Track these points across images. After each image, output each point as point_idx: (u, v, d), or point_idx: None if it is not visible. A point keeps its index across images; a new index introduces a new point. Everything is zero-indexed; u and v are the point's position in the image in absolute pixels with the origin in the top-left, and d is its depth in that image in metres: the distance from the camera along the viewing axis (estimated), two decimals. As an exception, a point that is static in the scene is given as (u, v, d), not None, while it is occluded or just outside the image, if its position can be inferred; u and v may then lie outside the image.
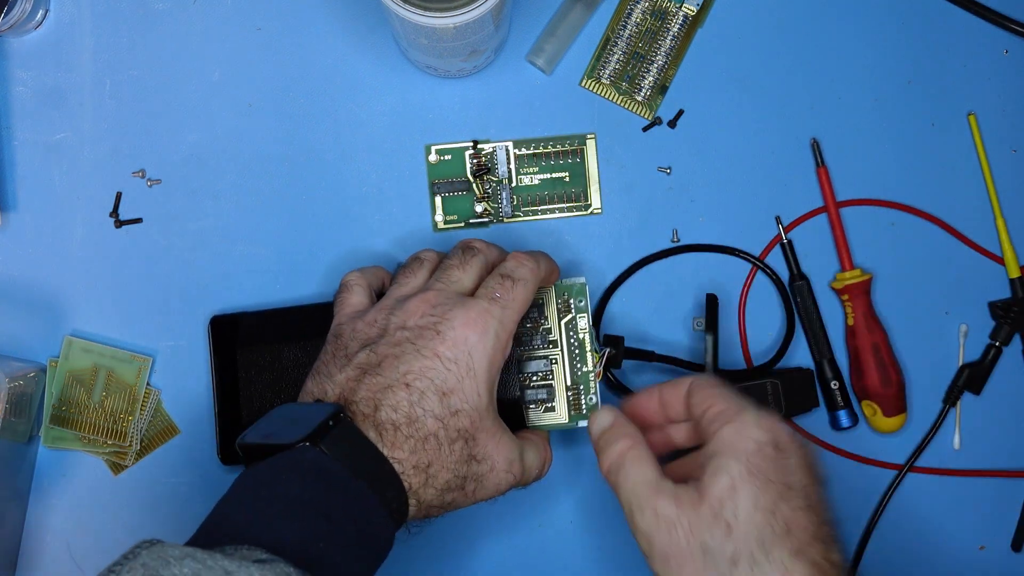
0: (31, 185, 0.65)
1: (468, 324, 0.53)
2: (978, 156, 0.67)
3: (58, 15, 0.65)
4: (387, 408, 0.52)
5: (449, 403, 0.52)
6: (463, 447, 0.53)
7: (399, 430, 0.51)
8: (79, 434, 0.64)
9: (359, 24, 0.66)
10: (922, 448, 0.67)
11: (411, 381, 0.52)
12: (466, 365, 0.53)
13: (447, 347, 0.53)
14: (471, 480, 0.54)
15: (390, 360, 0.53)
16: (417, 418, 0.52)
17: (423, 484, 0.52)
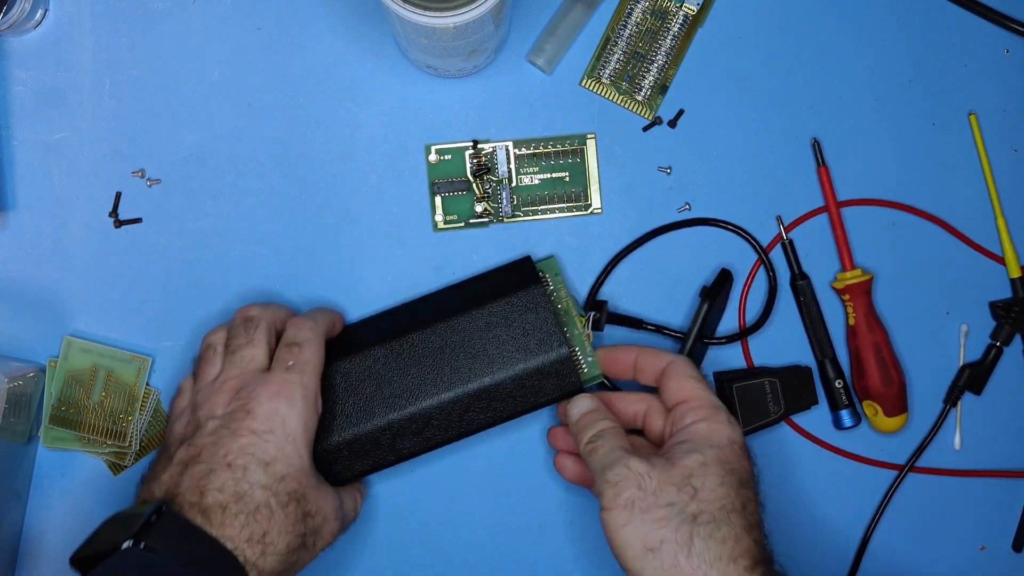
0: (31, 185, 0.65)
1: (274, 396, 0.55)
2: (979, 156, 0.67)
3: (57, 15, 0.65)
4: (213, 491, 0.53)
5: (274, 471, 0.54)
6: (295, 507, 0.54)
7: (227, 509, 0.52)
8: (79, 434, 0.64)
9: (359, 24, 0.66)
10: (923, 448, 0.67)
11: (232, 460, 0.54)
12: (282, 433, 0.55)
13: (260, 422, 0.55)
14: (310, 535, 0.56)
15: (208, 448, 0.55)
16: (244, 493, 0.53)
17: (261, 554, 0.53)
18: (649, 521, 0.53)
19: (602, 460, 0.56)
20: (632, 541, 0.53)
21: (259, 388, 0.56)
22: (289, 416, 0.55)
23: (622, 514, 0.54)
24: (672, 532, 0.53)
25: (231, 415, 0.55)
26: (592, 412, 0.59)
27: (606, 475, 0.55)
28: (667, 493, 0.54)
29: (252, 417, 0.55)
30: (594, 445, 0.57)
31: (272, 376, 0.56)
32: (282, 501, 0.54)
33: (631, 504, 0.54)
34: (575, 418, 0.60)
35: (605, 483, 0.55)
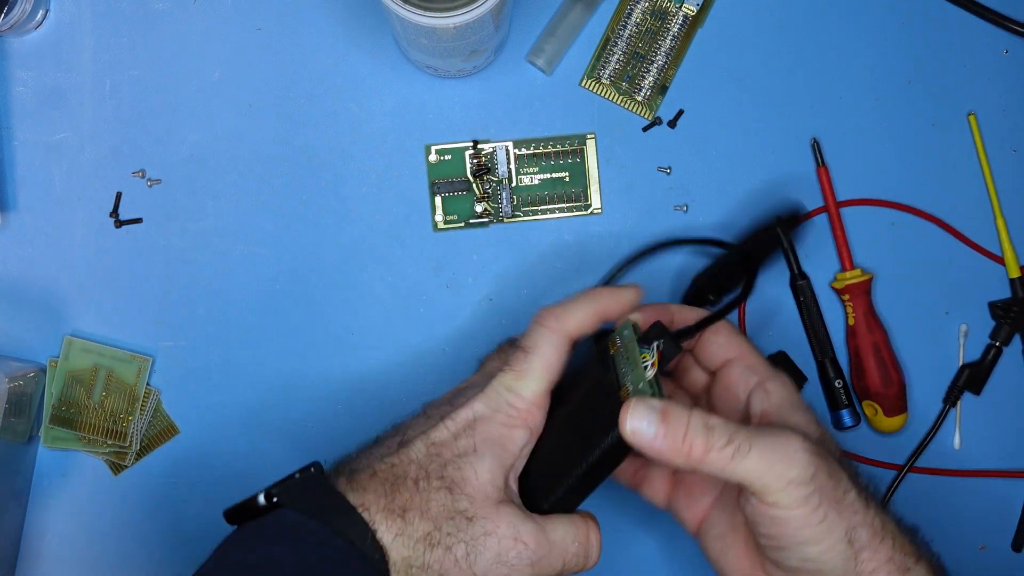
0: (31, 185, 0.65)
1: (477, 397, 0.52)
2: (978, 156, 0.67)
3: (58, 15, 0.65)
4: (368, 456, 0.51)
5: (438, 454, 0.50)
6: (447, 496, 0.49)
7: (375, 475, 0.50)
8: (79, 434, 0.64)
9: (359, 24, 0.66)
10: (922, 448, 0.67)
11: (406, 439, 0.52)
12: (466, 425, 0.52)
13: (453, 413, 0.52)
14: (459, 541, 0.49)
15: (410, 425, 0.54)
16: (398, 465, 0.50)
17: (397, 533, 0.48)
18: (846, 510, 0.48)
19: (768, 457, 0.47)
20: (825, 536, 0.47)
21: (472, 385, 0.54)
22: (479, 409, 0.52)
23: (816, 513, 0.47)
24: (862, 515, 0.48)
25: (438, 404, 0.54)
26: (666, 412, 0.48)
27: (788, 474, 0.47)
28: (844, 478, 0.49)
29: (452, 407, 0.52)
30: (738, 443, 0.47)
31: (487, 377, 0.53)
32: (433, 484, 0.49)
33: (824, 500, 0.47)
34: (661, 432, 0.47)
35: (789, 484, 0.47)
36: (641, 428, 0.47)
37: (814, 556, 0.48)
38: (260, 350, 0.66)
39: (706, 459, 0.47)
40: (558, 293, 0.66)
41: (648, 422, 0.47)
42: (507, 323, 0.66)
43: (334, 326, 0.66)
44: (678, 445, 0.47)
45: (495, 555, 0.49)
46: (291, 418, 0.66)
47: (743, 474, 0.47)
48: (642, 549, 0.67)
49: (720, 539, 0.54)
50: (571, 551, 0.51)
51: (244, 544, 0.48)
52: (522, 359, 0.52)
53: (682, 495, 0.56)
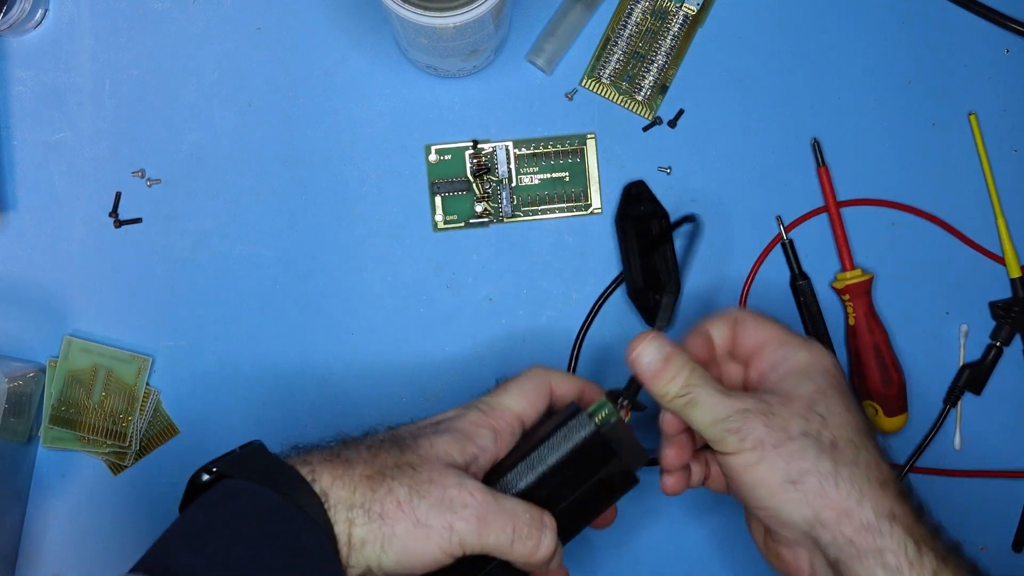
0: (31, 185, 0.65)
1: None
2: (979, 156, 0.67)
3: (57, 15, 0.65)
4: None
5: (397, 434, 0.52)
6: (396, 452, 0.50)
7: (325, 445, 0.51)
8: (78, 434, 0.64)
9: (359, 24, 0.66)
10: (922, 448, 0.67)
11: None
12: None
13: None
14: (402, 485, 0.48)
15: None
16: (349, 439, 0.51)
17: (337, 477, 0.48)
18: (785, 455, 0.49)
19: (710, 410, 0.51)
20: (766, 477, 0.49)
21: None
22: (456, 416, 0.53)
23: (752, 455, 0.50)
24: (812, 463, 0.49)
25: None
26: (669, 358, 0.52)
27: (724, 424, 0.50)
28: (796, 424, 0.50)
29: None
30: (691, 396, 0.51)
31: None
32: (384, 447, 0.50)
33: (760, 443, 0.50)
34: (650, 367, 0.52)
35: (725, 432, 0.50)
36: (643, 357, 0.52)
37: (765, 500, 0.50)
38: (260, 350, 0.66)
39: (669, 404, 0.52)
40: (558, 293, 0.66)
41: (651, 356, 0.52)
42: (507, 323, 0.66)
43: (334, 326, 0.66)
44: (653, 382, 0.52)
45: (438, 499, 0.48)
46: (291, 418, 0.66)
47: (692, 420, 0.51)
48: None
49: (749, 513, 0.56)
50: (523, 520, 0.50)
51: (184, 518, 0.48)
52: (503, 384, 0.55)
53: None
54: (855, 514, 0.49)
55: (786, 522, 0.50)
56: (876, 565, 0.48)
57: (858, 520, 0.49)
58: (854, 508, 0.49)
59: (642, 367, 0.52)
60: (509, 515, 0.50)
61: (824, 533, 0.49)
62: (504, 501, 0.50)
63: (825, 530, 0.49)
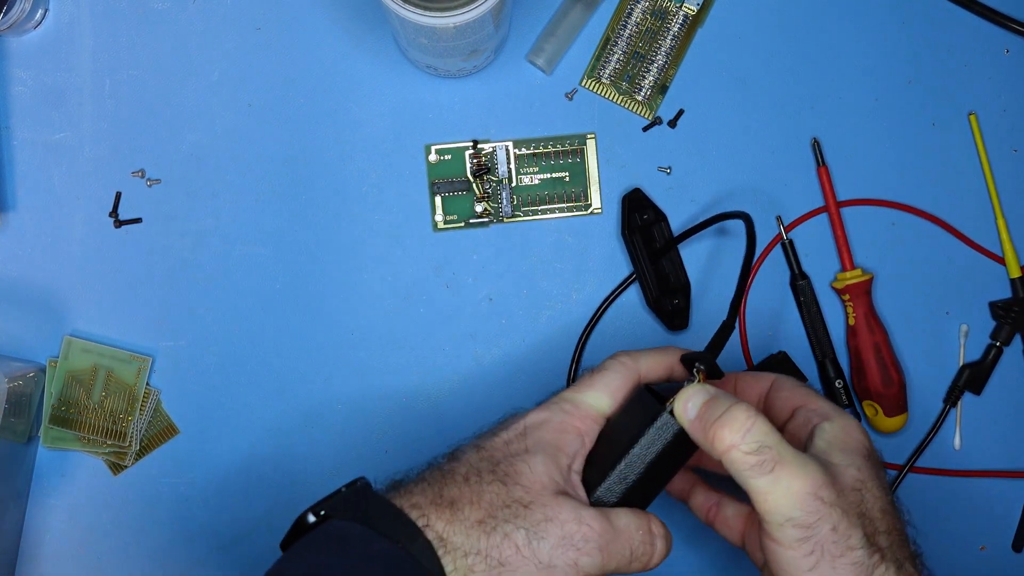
0: (31, 185, 0.65)
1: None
2: (979, 156, 0.67)
3: (57, 15, 0.65)
4: (418, 471, 0.51)
5: (490, 456, 0.51)
6: (500, 487, 0.48)
7: (423, 479, 0.49)
8: (79, 434, 0.64)
9: (359, 24, 0.66)
10: (922, 448, 0.67)
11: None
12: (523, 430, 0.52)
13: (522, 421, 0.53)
14: (518, 528, 0.47)
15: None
16: (451, 469, 0.50)
17: (449, 521, 0.47)
18: (842, 567, 0.46)
19: (780, 487, 0.46)
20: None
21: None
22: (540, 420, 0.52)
23: (807, 559, 0.46)
24: (868, 573, 0.46)
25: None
26: (741, 407, 0.48)
27: (799, 508, 0.46)
28: (856, 535, 0.46)
29: (504, 424, 0.53)
30: (762, 457, 0.46)
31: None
32: (485, 479, 0.48)
33: (820, 550, 0.46)
34: (701, 412, 0.48)
35: (788, 521, 0.46)
36: (684, 410, 0.49)
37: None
38: (260, 350, 0.66)
39: (729, 454, 0.47)
40: (558, 292, 0.66)
41: (693, 405, 0.49)
42: (507, 323, 0.66)
43: (334, 326, 0.66)
44: (708, 429, 0.48)
45: (559, 538, 0.47)
46: (291, 418, 0.66)
47: (755, 488, 0.47)
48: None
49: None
50: (637, 539, 0.49)
51: (289, 559, 0.47)
52: (587, 377, 0.53)
53: (754, 533, 0.54)
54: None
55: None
56: None
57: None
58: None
59: (698, 408, 0.49)
60: (626, 538, 0.49)
61: None
62: (617, 520, 0.49)
63: None
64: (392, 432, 0.66)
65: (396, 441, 0.66)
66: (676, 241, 0.65)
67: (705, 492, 0.57)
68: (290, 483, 0.66)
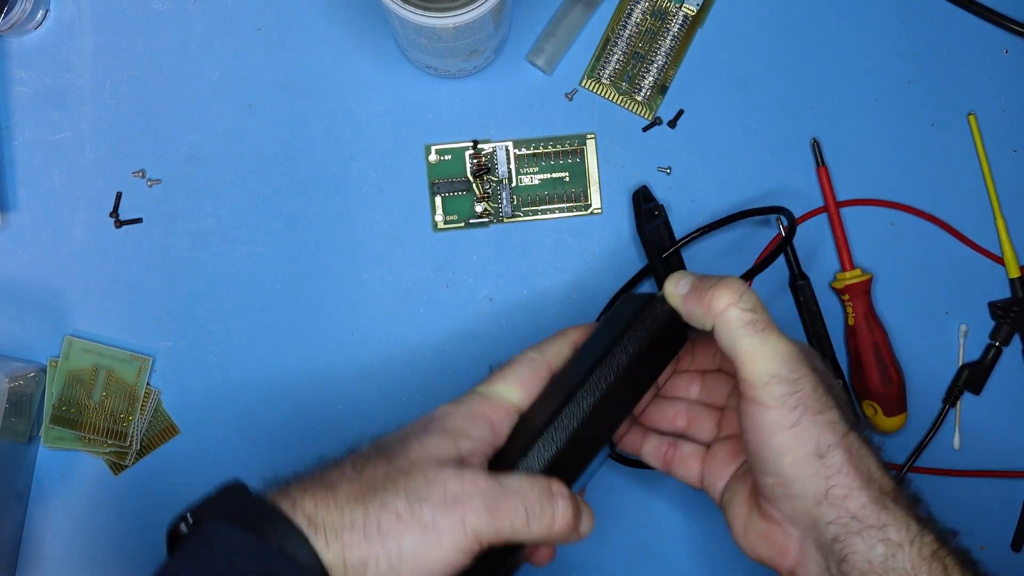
0: (31, 185, 0.65)
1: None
2: (978, 156, 0.67)
3: (58, 15, 0.65)
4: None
5: (382, 443, 0.49)
6: (384, 463, 0.47)
7: (307, 473, 0.47)
8: (79, 434, 0.64)
9: (359, 24, 0.66)
10: (922, 448, 0.67)
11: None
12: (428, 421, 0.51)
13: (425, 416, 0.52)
14: (397, 494, 0.45)
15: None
16: (331, 461, 0.48)
17: (320, 501, 0.45)
18: (820, 424, 0.47)
19: (769, 346, 0.48)
20: (795, 445, 0.47)
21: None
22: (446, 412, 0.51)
23: (790, 415, 0.47)
24: (840, 437, 0.48)
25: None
26: (717, 276, 0.50)
27: (784, 366, 0.48)
28: (830, 398, 0.48)
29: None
30: (756, 316, 0.48)
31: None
32: (370, 461, 0.47)
33: (803, 405, 0.47)
34: (695, 284, 0.50)
35: (772, 379, 0.48)
36: (676, 287, 0.51)
37: (785, 468, 0.48)
38: (260, 350, 0.66)
39: (725, 313, 0.48)
40: (558, 292, 0.66)
41: (685, 282, 0.50)
42: (507, 323, 0.66)
43: (334, 326, 0.66)
44: (703, 295, 0.49)
45: (440, 498, 0.45)
46: (291, 418, 0.66)
47: (743, 349, 0.48)
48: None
49: (730, 491, 0.54)
50: (533, 496, 0.47)
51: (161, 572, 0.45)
52: (497, 372, 0.52)
53: (711, 468, 0.55)
54: (864, 491, 0.47)
55: (797, 495, 0.48)
56: (877, 540, 0.47)
57: (865, 496, 0.47)
58: (864, 485, 0.48)
59: (691, 283, 0.50)
60: (517, 495, 0.47)
61: (829, 511, 0.48)
62: (509, 482, 0.47)
63: (831, 507, 0.47)
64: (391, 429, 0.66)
65: (396, 441, 0.66)
66: (709, 228, 0.65)
67: (658, 437, 0.57)
68: (290, 483, 0.66)
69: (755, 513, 0.51)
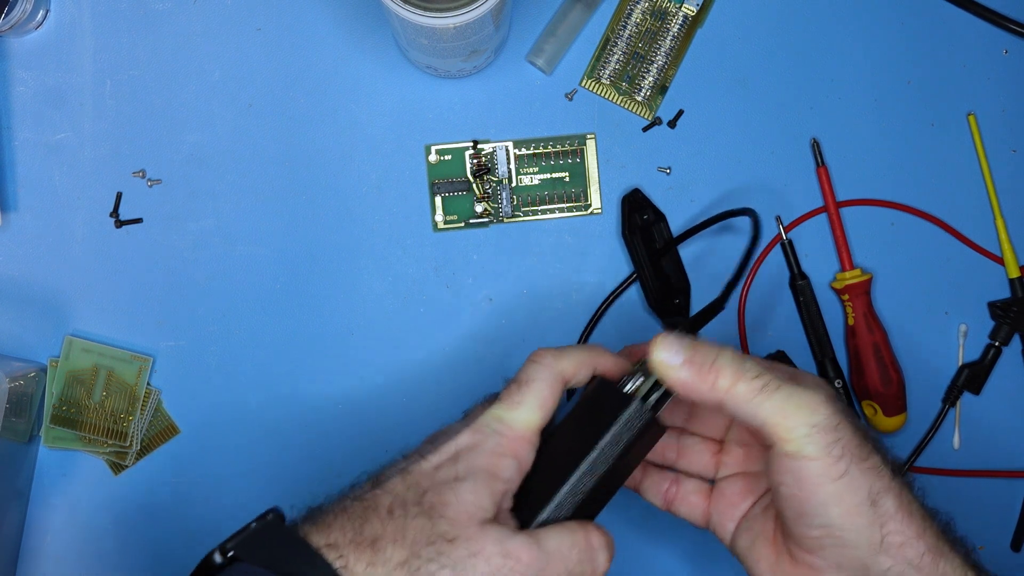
0: (31, 185, 0.65)
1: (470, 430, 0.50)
2: (978, 156, 0.67)
3: (58, 15, 0.65)
4: (339, 499, 0.47)
5: (416, 483, 0.47)
6: (425, 521, 0.45)
7: (344, 510, 0.46)
8: (79, 434, 0.65)
9: (359, 24, 0.66)
10: (922, 448, 0.67)
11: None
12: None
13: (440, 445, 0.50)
14: (443, 567, 0.44)
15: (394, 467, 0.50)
16: (373, 498, 0.46)
17: (370, 563, 0.44)
18: (868, 471, 0.45)
19: (795, 400, 0.45)
20: (845, 494, 0.45)
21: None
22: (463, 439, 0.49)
23: (837, 465, 0.45)
24: (888, 482, 0.46)
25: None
26: (721, 347, 0.47)
27: (820, 414, 0.45)
28: (869, 442, 0.46)
29: (434, 444, 0.49)
30: (767, 380, 0.46)
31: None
32: (411, 512, 0.46)
33: (848, 451, 0.45)
34: (688, 361, 0.47)
35: (812, 429, 0.45)
36: (668, 357, 0.47)
37: (836, 519, 0.46)
38: (260, 350, 0.66)
39: (733, 390, 0.46)
40: (558, 293, 0.66)
41: (677, 351, 0.47)
42: (507, 323, 0.66)
43: (334, 326, 0.66)
44: (705, 373, 0.46)
45: (487, 572, 0.45)
46: (291, 418, 0.66)
47: (768, 413, 0.46)
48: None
49: (750, 533, 0.52)
50: (573, 558, 0.46)
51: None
52: (515, 391, 0.50)
53: (720, 506, 0.53)
54: (921, 539, 0.46)
55: (849, 544, 0.46)
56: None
57: (923, 545, 0.46)
58: (920, 533, 0.46)
59: (672, 364, 0.47)
60: (559, 559, 0.46)
61: (884, 559, 0.46)
62: (548, 543, 0.46)
63: (887, 556, 0.46)
64: (392, 432, 0.66)
65: (396, 441, 0.66)
66: (678, 240, 0.65)
67: (658, 473, 0.55)
68: (290, 482, 0.66)
69: (785, 559, 0.49)
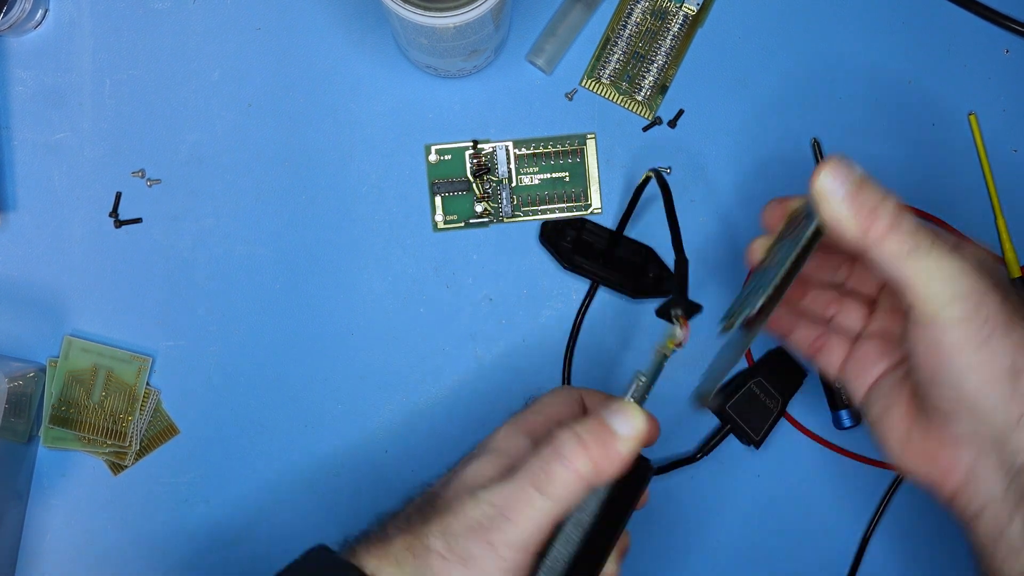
0: (31, 185, 0.65)
1: None
2: (978, 156, 0.67)
3: (57, 15, 0.65)
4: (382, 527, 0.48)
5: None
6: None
7: (384, 529, 0.47)
8: (79, 434, 0.64)
9: (359, 24, 0.66)
10: (922, 448, 0.67)
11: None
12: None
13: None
14: (430, 523, 0.46)
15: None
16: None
17: (380, 560, 0.45)
18: (1014, 342, 0.43)
19: (943, 265, 0.43)
20: (987, 362, 0.43)
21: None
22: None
23: (981, 330, 0.43)
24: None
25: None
26: (887, 194, 0.45)
27: (955, 286, 0.43)
28: (1019, 314, 0.44)
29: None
30: (920, 240, 0.44)
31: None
32: (419, 498, 0.48)
33: (993, 320, 0.43)
34: (853, 192, 0.45)
35: (954, 296, 0.43)
36: (833, 186, 0.45)
37: (971, 391, 0.44)
38: (260, 350, 0.66)
39: (886, 239, 0.44)
40: (558, 292, 0.66)
41: (843, 182, 0.45)
42: (507, 323, 0.66)
43: (334, 326, 0.66)
44: (864, 214, 0.45)
45: (466, 526, 0.45)
46: (291, 418, 0.66)
47: (912, 272, 0.44)
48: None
49: (884, 401, 0.50)
50: (537, 466, 0.45)
51: None
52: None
53: (855, 364, 0.52)
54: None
55: (985, 418, 0.44)
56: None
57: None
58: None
59: (835, 194, 0.45)
60: (525, 476, 0.45)
61: (1021, 436, 0.44)
62: (518, 469, 0.45)
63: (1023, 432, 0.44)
64: (392, 431, 0.66)
65: (396, 441, 0.66)
66: (618, 232, 0.64)
67: (809, 325, 0.54)
68: (290, 482, 0.66)
69: (917, 430, 0.48)
